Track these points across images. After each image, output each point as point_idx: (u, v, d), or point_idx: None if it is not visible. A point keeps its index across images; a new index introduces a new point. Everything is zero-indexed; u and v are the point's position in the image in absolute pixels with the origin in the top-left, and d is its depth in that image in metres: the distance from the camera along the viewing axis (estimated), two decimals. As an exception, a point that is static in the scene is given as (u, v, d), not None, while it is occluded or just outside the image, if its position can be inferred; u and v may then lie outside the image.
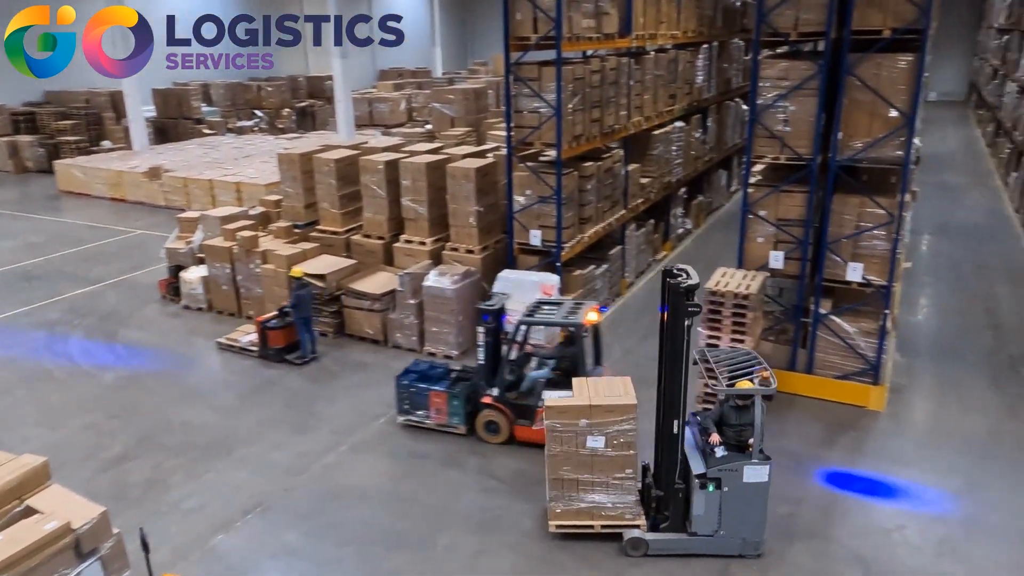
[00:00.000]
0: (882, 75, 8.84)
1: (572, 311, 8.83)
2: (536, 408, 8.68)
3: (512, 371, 9.07)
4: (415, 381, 9.30)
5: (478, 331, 8.97)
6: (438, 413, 9.16)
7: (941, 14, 24.79)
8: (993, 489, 8.10)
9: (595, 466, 7.12)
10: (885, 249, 9.31)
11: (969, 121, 35.13)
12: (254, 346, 11.44)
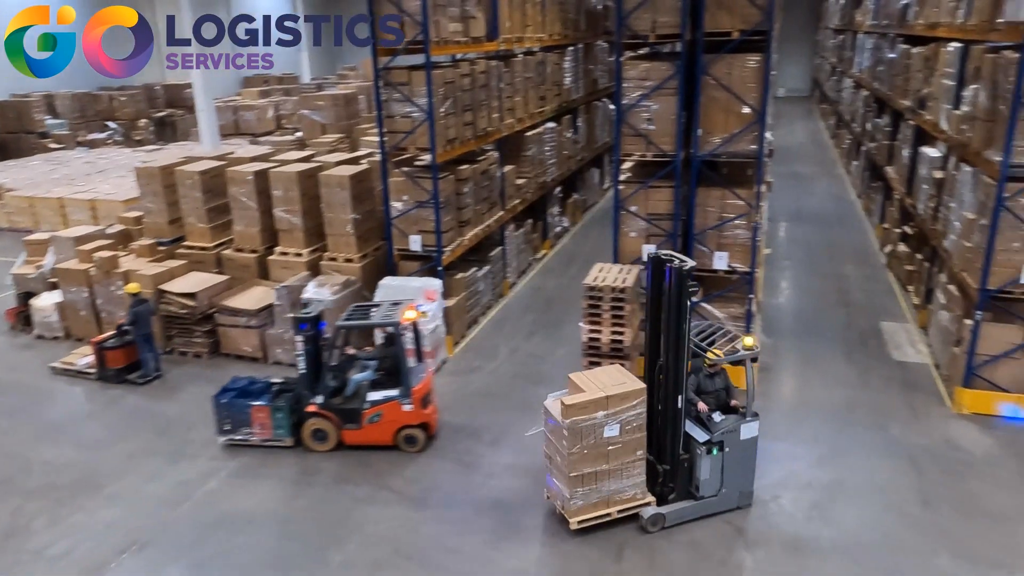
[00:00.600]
0: (734, 74, 9.40)
1: (389, 311, 8.93)
2: (362, 411, 8.80)
3: (335, 377, 9.03)
4: (235, 398, 9.04)
5: (296, 340, 8.89)
6: (262, 428, 8.96)
7: (783, 16, 26.59)
8: (853, 454, 8.79)
9: (611, 455, 7.23)
10: (746, 238, 9.90)
11: (814, 115, 37.92)
12: (92, 368, 10.79)
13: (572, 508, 7.33)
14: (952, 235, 10.56)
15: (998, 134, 8.98)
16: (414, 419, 8.89)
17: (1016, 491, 8.00)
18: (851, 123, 23.77)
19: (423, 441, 8.99)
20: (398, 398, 8.82)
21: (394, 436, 8.92)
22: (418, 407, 8.87)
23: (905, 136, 14.84)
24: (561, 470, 7.28)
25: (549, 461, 7.60)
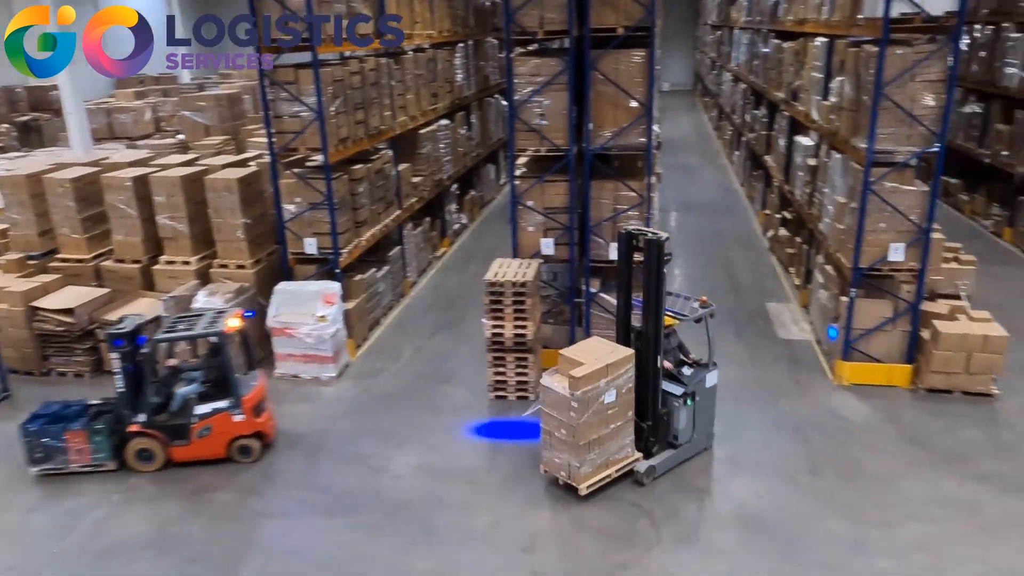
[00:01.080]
0: (621, 69, 9.65)
1: (213, 321, 8.72)
2: (190, 426, 8.53)
3: (158, 392, 8.71)
4: (46, 424, 8.48)
5: (111, 357, 8.52)
6: (79, 454, 8.48)
7: (665, 13, 27.53)
8: (747, 429, 9.23)
9: (610, 419, 7.79)
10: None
11: (697, 108, 39.48)
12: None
13: (581, 475, 7.76)
14: (826, 218, 11.25)
15: (863, 123, 9.63)
16: (247, 429, 8.64)
17: (892, 454, 8.63)
18: (732, 115, 24.90)
19: (258, 451, 8.77)
20: (228, 409, 8.56)
21: (227, 448, 8.65)
22: (250, 416, 8.62)
23: (781, 126, 15.70)
24: (568, 441, 7.69)
25: (549, 437, 7.92)
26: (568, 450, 7.73)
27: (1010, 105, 16.20)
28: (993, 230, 16.61)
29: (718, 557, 7.11)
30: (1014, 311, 11.96)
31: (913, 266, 9.67)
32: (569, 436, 7.65)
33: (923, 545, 7.16)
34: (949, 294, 10.80)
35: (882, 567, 6.89)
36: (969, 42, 17.54)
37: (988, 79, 16.64)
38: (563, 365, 7.77)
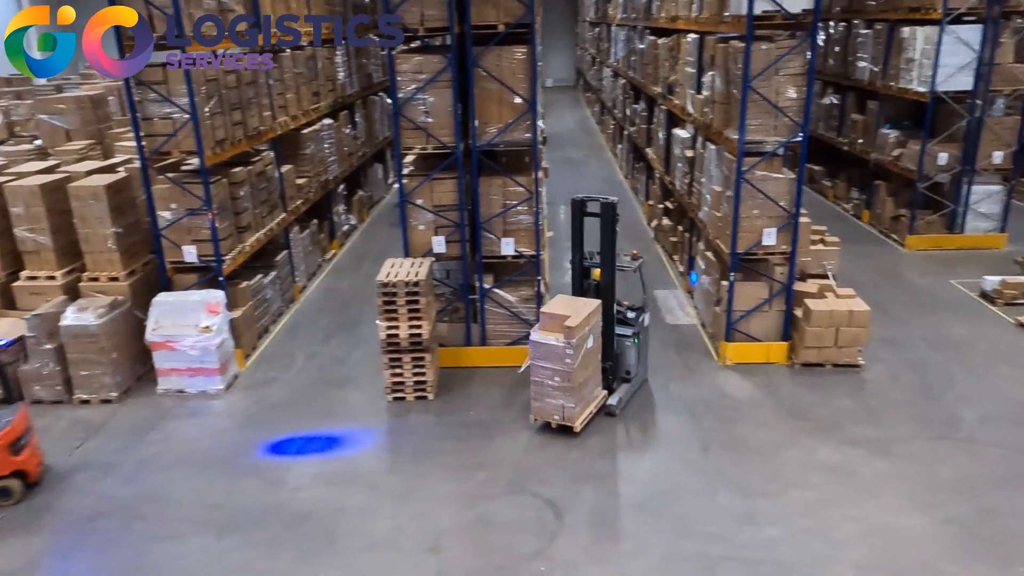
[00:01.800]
0: (503, 66, 9.73)
1: None
2: None
3: None
4: None
5: None
6: None
7: (545, 10, 27.96)
8: (641, 412, 9.53)
9: (590, 362, 8.95)
10: (530, 223, 10.34)
11: (580, 103, 40.37)
12: None
13: (575, 414, 8.79)
14: (705, 207, 11.78)
15: (734, 115, 10.14)
16: (3, 469, 7.81)
17: (774, 428, 9.15)
18: (613, 109, 25.61)
19: (20, 492, 7.98)
20: None
21: None
22: (5, 455, 7.80)
23: (659, 120, 16.29)
24: (563, 386, 8.73)
25: (540, 387, 8.88)
26: (562, 394, 8.78)
27: (863, 96, 17.48)
28: (853, 213, 17.89)
29: (619, 539, 7.32)
30: (875, 287, 12.96)
31: (785, 249, 10.28)
32: (564, 381, 8.69)
33: (806, 511, 7.63)
34: (817, 274, 11.53)
35: (770, 535, 7.29)
36: (825, 38, 18.79)
37: (843, 72, 17.89)
38: (547, 321, 8.78)
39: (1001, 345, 11.03)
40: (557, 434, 8.96)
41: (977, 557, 6.87)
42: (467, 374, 10.59)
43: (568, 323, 8.54)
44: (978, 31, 13.95)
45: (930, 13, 14.18)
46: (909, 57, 14.93)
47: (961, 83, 14.25)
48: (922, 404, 9.53)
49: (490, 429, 9.26)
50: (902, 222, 15.65)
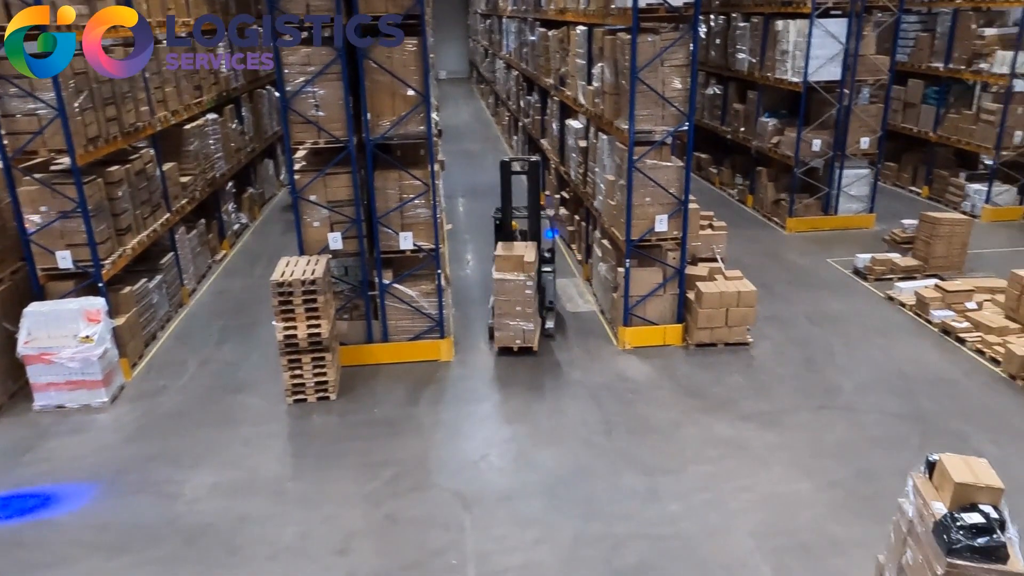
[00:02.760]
0: (395, 58, 9.58)
1: None
2: None
3: None
4: None
5: None
6: None
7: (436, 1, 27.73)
8: (544, 401, 9.69)
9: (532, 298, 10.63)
10: (428, 216, 10.26)
11: (475, 95, 40.38)
12: None
13: (533, 335, 10.60)
14: (599, 196, 12.04)
15: (623, 105, 10.39)
16: None
17: (672, 407, 9.49)
18: (508, 101, 25.75)
19: None
20: None
21: None
22: None
23: (553, 111, 16.52)
24: (523, 313, 10.49)
25: (503, 318, 10.52)
26: (523, 319, 10.53)
27: (743, 86, 18.32)
28: (738, 198, 18.75)
29: (528, 526, 7.40)
30: (760, 268, 13.64)
31: (676, 235, 10.65)
32: (524, 308, 10.45)
33: (705, 485, 7.96)
34: (707, 257, 12.02)
35: (673, 510, 7.57)
36: (706, 31, 19.56)
37: (724, 64, 18.68)
38: (502, 263, 10.42)
39: (873, 318, 11.85)
40: (470, 418, 8.98)
41: (858, 515, 7.37)
42: (370, 372, 10.43)
43: (526, 259, 10.36)
44: (844, 24, 14.88)
45: (801, 7, 15.00)
46: (783, 49, 15.75)
47: (830, 73, 15.16)
48: (806, 377, 10.12)
49: (396, 426, 9.16)
50: (782, 206, 16.53)
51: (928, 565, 5.07)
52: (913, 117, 18.73)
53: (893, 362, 10.45)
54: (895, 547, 5.65)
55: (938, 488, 5.29)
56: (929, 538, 5.07)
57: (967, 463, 5.26)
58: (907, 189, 19.15)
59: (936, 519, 5.03)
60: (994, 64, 16.33)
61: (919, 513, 5.30)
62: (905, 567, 5.45)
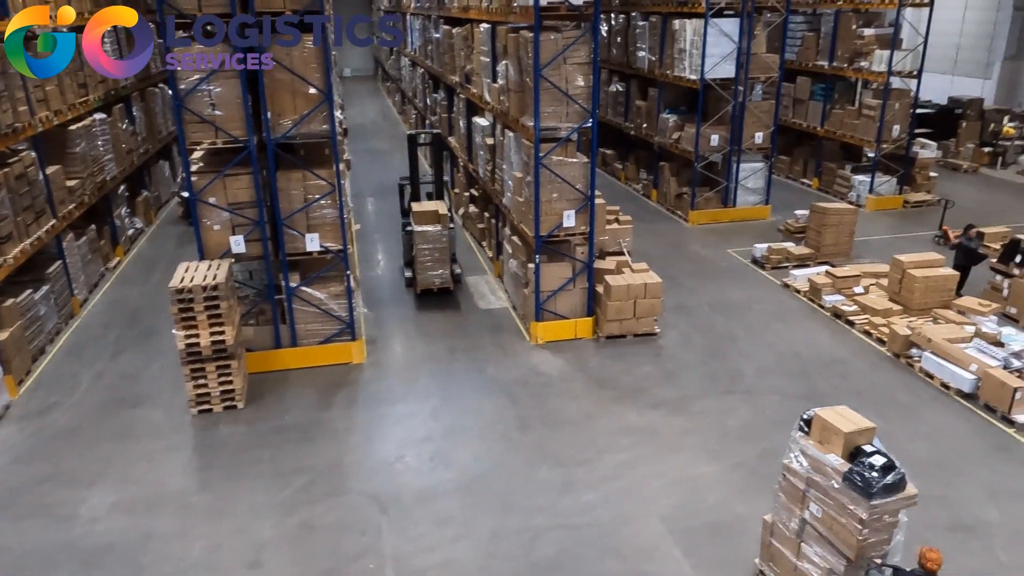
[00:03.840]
0: (295, 55, 9.34)
1: None
2: None
3: None
4: None
5: None
6: None
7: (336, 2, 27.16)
8: (461, 399, 9.70)
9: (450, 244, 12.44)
10: (334, 216, 10.06)
11: (381, 93, 39.86)
12: None
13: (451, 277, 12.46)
14: (508, 193, 12.12)
15: (528, 103, 10.49)
16: None
17: (584, 399, 9.67)
18: (414, 99, 25.54)
19: None
20: None
21: None
22: None
23: (459, 108, 16.49)
24: (442, 259, 12.28)
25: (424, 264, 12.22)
26: (440, 266, 12.27)
27: (645, 83, 18.81)
28: (643, 192, 19.26)
29: (446, 525, 7.39)
30: (665, 260, 14.06)
31: (584, 230, 10.85)
32: (443, 255, 12.21)
33: (618, 473, 8.15)
34: (614, 251, 12.31)
35: (588, 499, 7.72)
36: (607, 29, 19.97)
37: (626, 61, 19.12)
38: (419, 217, 12.13)
39: (771, 304, 12.43)
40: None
41: (761, 493, 7.70)
42: (280, 378, 10.16)
43: (440, 212, 12.16)
44: (736, 24, 15.50)
45: (696, 7, 15.53)
46: (681, 48, 16.27)
47: (725, 71, 15.76)
48: (711, 363, 10.51)
49: (308, 432, 8.96)
50: (685, 199, 17.09)
51: (845, 512, 5.51)
52: (802, 113, 19.72)
53: (790, 346, 10.99)
54: (788, 505, 6.06)
55: (822, 442, 5.76)
56: (843, 489, 5.49)
57: (839, 413, 5.80)
58: (799, 181, 20.15)
59: (847, 470, 5.48)
60: (873, 63, 17.39)
61: (814, 469, 5.72)
62: (811, 521, 5.85)
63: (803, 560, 6.01)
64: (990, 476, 8.01)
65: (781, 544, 6.25)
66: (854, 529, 5.46)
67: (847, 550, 5.58)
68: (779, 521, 6.22)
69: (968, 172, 21.42)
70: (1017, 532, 7.17)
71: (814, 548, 5.90)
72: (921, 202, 17.85)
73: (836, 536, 5.66)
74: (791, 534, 6.10)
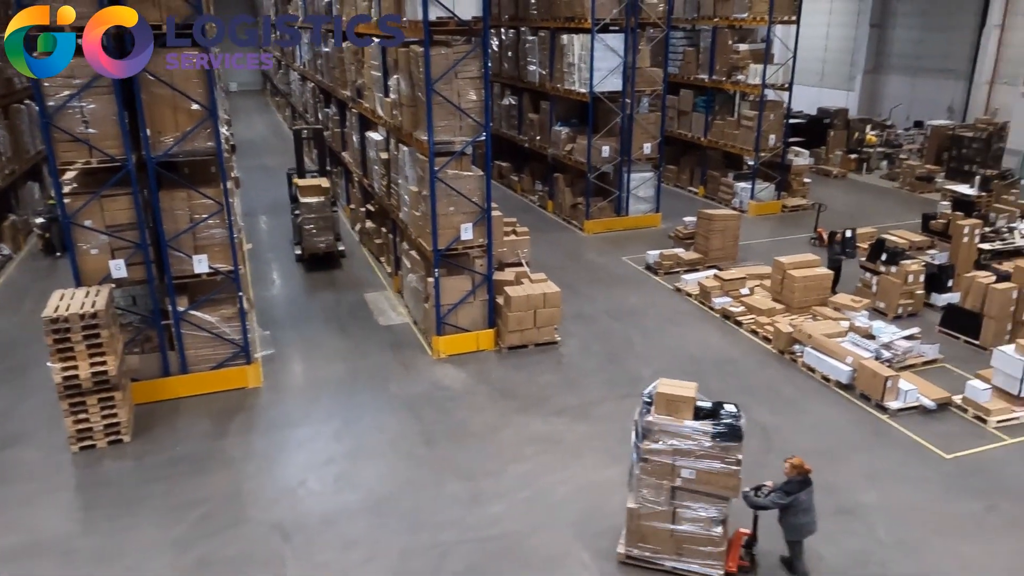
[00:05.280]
0: (175, 70, 8.96)
1: None
2: None
3: None
4: None
5: None
6: None
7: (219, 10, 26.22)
8: (363, 418, 9.52)
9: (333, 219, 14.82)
10: (223, 236, 9.68)
11: (270, 107, 38.79)
12: None
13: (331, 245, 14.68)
14: (404, 207, 12.04)
15: (421, 117, 10.48)
16: None
17: (488, 410, 9.70)
18: (305, 114, 24.99)
19: None
20: None
21: None
22: None
23: (352, 123, 16.27)
24: (326, 227, 14.53)
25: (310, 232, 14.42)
26: (326, 233, 14.63)
27: (537, 97, 19.16)
28: (539, 203, 19.57)
29: (352, 548, 7.22)
30: (562, 269, 14.33)
31: (482, 242, 10.91)
32: (327, 224, 14.62)
33: (525, 482, 8.21)
34: (513, 262, 12.43)
35: (496, 511, 7.74)
36: (498, 43, 20.24)
37: (517, 75, 19.42)
38: (306, 191, 14.50)
39: (665, 309, 12.88)
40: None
41: (663, 493, 7.97)
42: (170, 407, 9.67)
43: (323, 186, 14.63)
44: (621, 39, 16.04)
45: (582, 22, 15.97)
46: (570, 62, 16.68)
47: (613, 84, 16.28)
48: (610, 369, 10.77)
49: (202, 462, 8.56)
50: (579, 209, 17.48)
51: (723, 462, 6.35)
52: (687, 124, 20.60)
53: (684, 348, 11.41)
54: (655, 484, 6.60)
55: (671, 413, 6.43)
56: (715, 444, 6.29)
57: (670, 385, 6.51)
58: (686, 189, 21.01)
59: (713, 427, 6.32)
60: (749, 76, 18.39)
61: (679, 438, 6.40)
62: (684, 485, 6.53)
63: (680, 522, 6.65)
64: (869, 461, 8.57)
65: (653, 521, 6.70)
66: (734, 472, 6.35)
67: (728, 492, 6.46)
68: (646, 502, 6.66)
69: (838, 177, 22.95)
70: (893, 511, 7.70)
71: (690, 507, 6.59)
72: (797, 206, 18.98)
73: (715, 486, 6.43)
74: (664, 506, 6.62)
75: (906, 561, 7.03)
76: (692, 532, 6.65)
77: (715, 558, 6.68)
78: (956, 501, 7.88)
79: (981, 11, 24.24)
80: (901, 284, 12.29)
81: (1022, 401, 9.39)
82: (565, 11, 16.55)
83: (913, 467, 8.46)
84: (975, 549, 7.19)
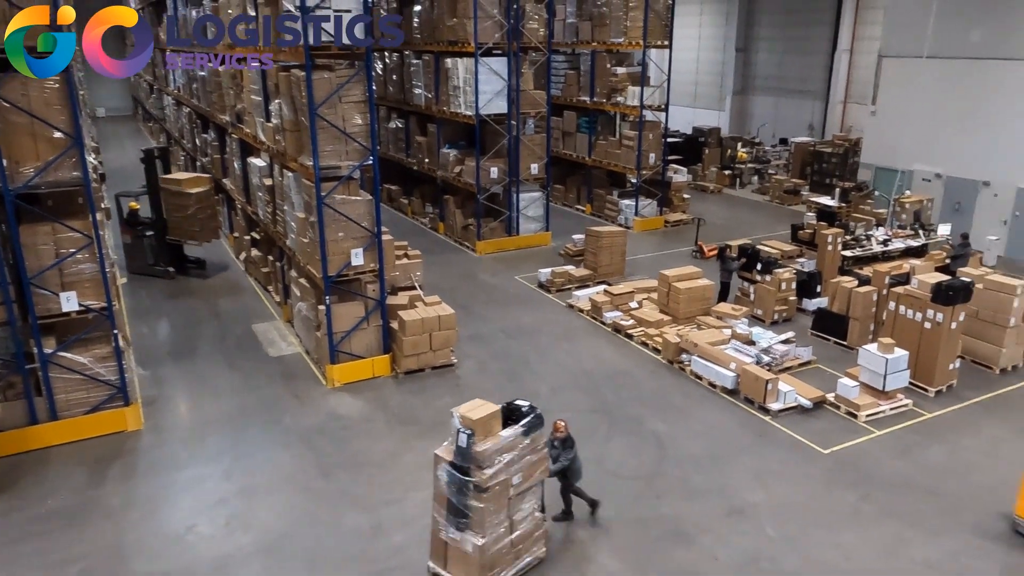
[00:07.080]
0: (33, 96, 8.42)
1: None
2: None
3: None
4: None
5: None
6: None
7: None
8: (256, 455, 9.14)
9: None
10: (94, 271, 9.11)
11: (143, 133, 36.91)
12: None
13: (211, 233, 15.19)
14: (291, 234, 11.74)
15: (305, 141, 10.28)
16: None
17: (387, 438, 9.53)
18: (181, 139, 23.97)
19: None
20: None
21: None
22: None
23: (233, 149, 15.74)
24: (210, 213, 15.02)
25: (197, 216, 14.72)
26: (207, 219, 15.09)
27: (424, 120, 19.18)
28: (431, 226, 19.54)
29: (249, 592, 6.91)
30: (456, 291, 14.34)
31: (373, 267, 10.77)
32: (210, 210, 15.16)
33: (427, 509, 8.03)
34: (406, 286, 12.34)
35: (398, 541, 7.60)
36: (383, 67, 20.16)
37: (403, 99, 19.40)
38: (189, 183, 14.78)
39: (559, 325, 13.12)
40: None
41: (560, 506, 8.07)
42: (38, 458, 8.96)
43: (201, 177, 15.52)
44: (505, 63, 16.34)
45: (466, 46, 16.17)
46: (455, 85, 16.83)
47: (498, 107, 16.54)
48: (508, 387, 10.83)
49: (77, 515, 7.96)
50: (471, 230, 17.58)
51: (536, 452, 6.86)
52: (571, 144, 21.18)
53: (579, 363, 11.65)
54: (496, 511, 6.71)
55: (488, 434, 6.64)
56: (529, 441, 6.75)
57: (472, 408, 6.75)
58: (574, 208, 21.56)
59: (521, 427, 6.70)
60: (627, 98, 19.14)
61: (505, 452, 6.63)
62: (516, 490, 6.75)
63: (516, 528, 6.92)
64: (755, 461, 9.01)
65: (496, 543, 6.80)
66: (543, 455, 7.02)
67: (544, 475, 7.06)
68: (487, 534, 6.71)
69: (714, 192, 24.19)
70: (780, 508, 8.12)
71: (522, 508, 6.94)
72: (679, 221, 19.85)
73: (535, 476, 6.94)
74: (504, 524, 6.80)
75: (792, 555, 7.41)
76: (526, 529, 7.00)
77: (541, 538, 7.19)
78: (835, 494, 8.40)
79: (832, 37, 26.32)
80: (776, 291, 13.06)
81: (886, 395, 10.15)
82: (448, 35, 16.70)
83: (795, 464, 8.96)
84: (852, 537, 7.68)
